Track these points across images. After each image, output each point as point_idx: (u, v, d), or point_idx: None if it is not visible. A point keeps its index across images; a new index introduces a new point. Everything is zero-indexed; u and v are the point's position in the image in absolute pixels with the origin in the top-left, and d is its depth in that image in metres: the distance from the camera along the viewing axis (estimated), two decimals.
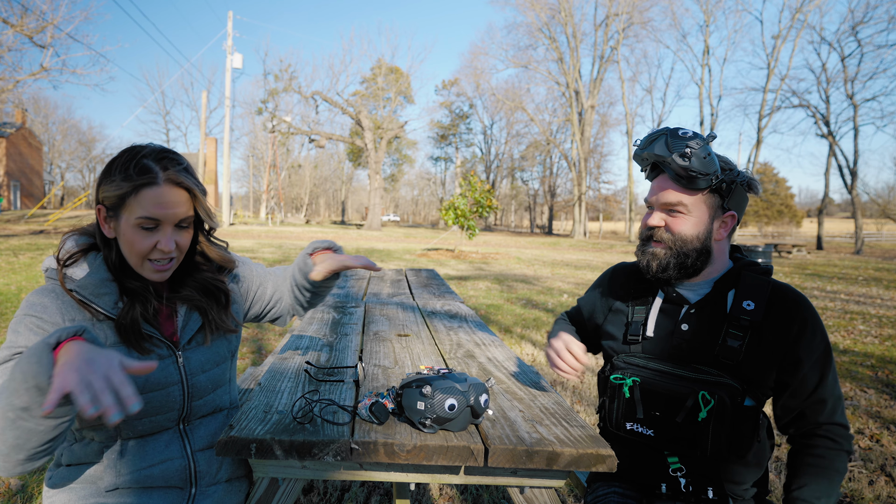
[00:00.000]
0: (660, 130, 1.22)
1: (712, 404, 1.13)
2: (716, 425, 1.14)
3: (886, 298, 9.14)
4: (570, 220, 56.34)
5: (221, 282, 1.24)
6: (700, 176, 1.15)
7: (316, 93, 36.71)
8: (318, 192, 64.00)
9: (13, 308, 6.16)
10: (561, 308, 7.42)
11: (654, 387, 1.21)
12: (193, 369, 1.15)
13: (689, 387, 1.17)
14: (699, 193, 1.20)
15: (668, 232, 1.23)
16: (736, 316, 1.19)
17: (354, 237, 24.94)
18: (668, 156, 1.16)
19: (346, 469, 1.07)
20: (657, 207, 1.25)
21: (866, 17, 26.12)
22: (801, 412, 1.21)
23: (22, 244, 13.93)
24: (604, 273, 1.53)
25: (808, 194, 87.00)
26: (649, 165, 1.27)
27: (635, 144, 1.28)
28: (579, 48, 39.40)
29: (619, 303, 1.40)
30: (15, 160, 34.31)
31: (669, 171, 1.19)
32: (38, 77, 17.96)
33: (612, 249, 24.43)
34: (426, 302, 2.79)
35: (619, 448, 1.28)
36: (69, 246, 1.10)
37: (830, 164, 28.64)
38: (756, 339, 1.18)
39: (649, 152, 1.21)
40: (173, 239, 1.06)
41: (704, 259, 1.23)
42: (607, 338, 1.40)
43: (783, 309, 1.19)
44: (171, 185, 1.04)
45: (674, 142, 1.16)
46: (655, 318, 1.30)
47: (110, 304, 1.05)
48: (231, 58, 26.28)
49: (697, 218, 1.21)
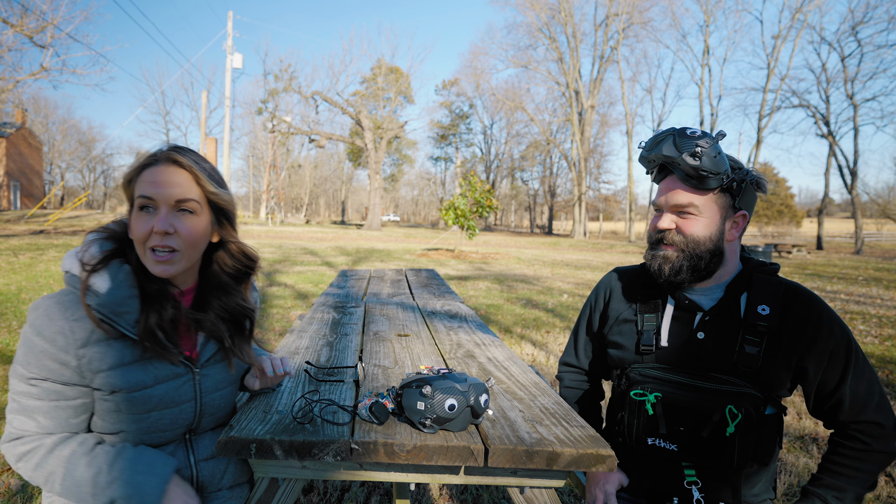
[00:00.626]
0: (666, 131, 1.19)
1: (739, 418, 1.11)
2: (742, 438, 1.11)
3: (886, 298, 9.14)
4: (570, 220, 56.36)
5: (250, 309, 1.18)
6: (711, 175, 1.13)
7: (316, 93, 36.72)
8: (318, 192, 64.01)
9: (13, 308, 6.16)
10: (561, 308, 7.42)
11: (678, 402, 1.17)
12: (208, 388, 1.13)
13: (715, 400, 1.13)
14: (710, 193, 1.17)
15: (679, 234, 1.19)
16: (752, 322, 1.16)
17: (354, 237, 24.93)
18: (677, 156, 1.13)
19: (346, 469, 1.07)
20: (667, 209, 1.22)
21: (866, 17, 26.15)
22: (826, 411, 1.19)
23: (22, 244, 13.93)
24: (602, 280, 1.47)
25: (808, 194, 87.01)
26: (656, 167, 1.23)
27: (641, 146, 1.24)
28: (579, 48, 39.41)
29: (625, 311, 1.35)
30: (15, 160, 34.31)
31: (679, 172, 1.16)
32: (38, 77, 17.96)
33: (613, 249, 24.42)
34: (426, 302, 2.78)
35: (633, 459, 1.27)
36: (94, 251, 1.02)
37: (830, 164, 28.66)
38: (773, 345, 1.15)
39: (657, 153, 1.17)
40: (169, 221, 0.99)
41: (717, 261, 1.20)
42: (614, 347, 1.35)
43: (798, 311, 1.16)
44: (169, 164, 1.01)
45: (683, 141, 1.13)
46: (668, 326, 1.25)
47: (130, 321, 0.99)
48: (231, 58, 26.29)
49: (709, 219, 1.18)
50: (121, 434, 1.04)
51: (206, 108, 27.11)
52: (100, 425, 1.03)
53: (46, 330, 0.95)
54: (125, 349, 1.00)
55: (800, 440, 3.11)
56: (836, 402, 1.16)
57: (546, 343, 5.34)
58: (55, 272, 9.30)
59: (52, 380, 0.96)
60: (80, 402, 1.00)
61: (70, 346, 0.95)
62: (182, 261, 1.03)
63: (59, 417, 0.98)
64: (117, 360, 0.99)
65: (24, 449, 0.97)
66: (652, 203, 1.27)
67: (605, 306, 1.42)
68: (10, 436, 0.98)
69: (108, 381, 0.98)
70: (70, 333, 0.96)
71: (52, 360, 0.95)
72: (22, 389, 0.96)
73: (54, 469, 0.96)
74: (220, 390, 1.15)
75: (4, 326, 5.30)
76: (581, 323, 1.51)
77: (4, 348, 4.55)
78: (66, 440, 0.99)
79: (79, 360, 0.96)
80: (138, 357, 1.01)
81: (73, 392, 0.98)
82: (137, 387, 1.00)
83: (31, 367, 0.96)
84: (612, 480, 1.25)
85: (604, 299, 1.43)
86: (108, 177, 60.20)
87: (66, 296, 1.00)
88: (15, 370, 0.97)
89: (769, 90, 31.63)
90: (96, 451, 0.98)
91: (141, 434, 1.05)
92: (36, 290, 7.46)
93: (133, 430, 1.03)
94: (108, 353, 0.98)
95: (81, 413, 1.01)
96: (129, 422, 1.02)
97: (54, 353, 0.95)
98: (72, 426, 1.00)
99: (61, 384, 0.97)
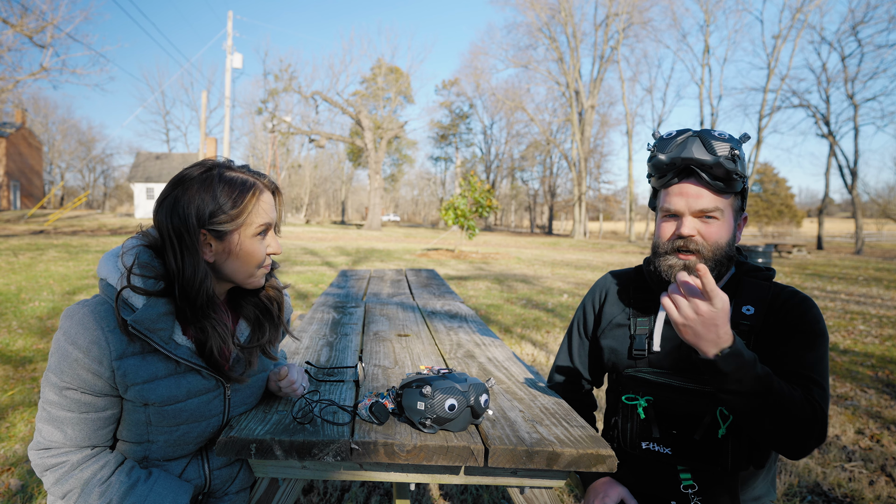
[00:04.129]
0: (683, 132, 1.14)
1: (731, 420, 1.09)
2: (735, 440, 1.10)
3: (886, 298, 9.14)
4: (570, 220, 56.34)
5: (278, 291, 1.21)
6: (738, 178, 1.10)
7: (316, 93, 36.73)
8: (318, 192, 63.99)
9: (13, 308, 6.16)
10: (561, 308, 7.42)
11: (669, 405, 1.16)
12: (237, 402, 1.13)
13: (705, 402, 1.12)
14: (731, 197, 1.14)
15: (703, 240, 1.14)
16: (736, 322, 1.15)
17: (354, 237, 24.93)
18: (712, 159, 1.08)
19: (346, 469, 1.07)
20: (689, 214, 1.14)
21: (866, 17, 26.17)
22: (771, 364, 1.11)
23: (22, 244, 13.93)
24: (597, 283, 1.45)
25: (808, 194, 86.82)
26: (674, 170, 1.16)
27: (652, 149, 1.18)
28: (579, 48, 39.42)
29: (619, 315, 1.33)
30: (15, 160, 34.32)
31: (708, 175, 1.11)
32: (38, 77, 17.96)
33: (613, 249, 24.42)
34: (426, 302, 2.78)
35: (629, 464, 1.25)
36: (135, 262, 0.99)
37: (830, 164, 28.67)
38: (758, 344, 1.14)
39: (685, 156, 1.11)
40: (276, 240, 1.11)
41: (729, 265, 1.17)
42: (607, 351, 1.34)
43: (781, 309, 1.15)
44: (269, 192, 1.09)
45: (715, 144, 1.09)
46: (661, 330, 1.23)
47: (165, 337, 0.98)
48: (231, 58, 26.26)
49: (728, 223, 1.15)
50: (146, 444, 1.03)
51: (206, 108, 27.09)
52: (126, 435, 1.03)
53: (81, 339, 0.94)
54: (159, 363, 0.99)
55: None
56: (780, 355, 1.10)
57: (546, 343, 5.34)
58: (55, 272, 9.30)
59: (83, 390, 0.95)
60: (110, 412, 1.00)
61: (105, 357, 0.94)
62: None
63: (87, 429, 0.98)
64: (151, 374, 0.98)
65: (50, 462, 0.97)
66: (661, 208, 1.20)
67: (599, 309, 1.40)
68: (39, 445, 0.98)
69: (140, 394, 0.98)
70: (105, 344, 0.94)
71: (86, 370, 0.94)
72: (53, 399, 0.96)
73: (72, 488, 0.97)
74: (246, 404, 1.16)
75: (4, 326, 5.30)
76: (575, 326, 1.48)
77: (4, 348, 4.55)
78: (88, 460, 0.98)
79: (113, 371, 0.95)
80: (172, 371, 1.01)
81: (103, 403, 0.98)
82: (170, 401, 1.00)
83: (64, 375, 0.94)
84: (611, 495, 1.23)
85: (599, 302, 1.41)
86: (107, 177, 60.22)
87: (101, 305, 0.97)
88: (48, 378, 0.96)
89: (769, 90, 31.64)
90: (111, 481, 0.98)
91: (167, 447, 1.05)
92: (36, 290, 7.46)
93: (160, 442, 1.04)
94: (143, 366, 0.97)
95: (110, 423, 1.01)
96: (158, 433, 1.02)
97: (88, 363, 0.94)
98: (100, 437, 1.00)
99: (92, 395, 0.96)
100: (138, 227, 1.11)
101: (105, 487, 0.97)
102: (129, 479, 0.99)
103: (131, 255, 1.00)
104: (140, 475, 1.01)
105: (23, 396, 3.42)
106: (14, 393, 3.48)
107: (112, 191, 60.49)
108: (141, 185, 33.74)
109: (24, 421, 3.05)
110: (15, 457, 2.62)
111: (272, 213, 1.08)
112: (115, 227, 23.35)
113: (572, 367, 1.46)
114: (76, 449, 0.98)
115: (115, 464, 1.01)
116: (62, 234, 17.75)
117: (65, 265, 10.36)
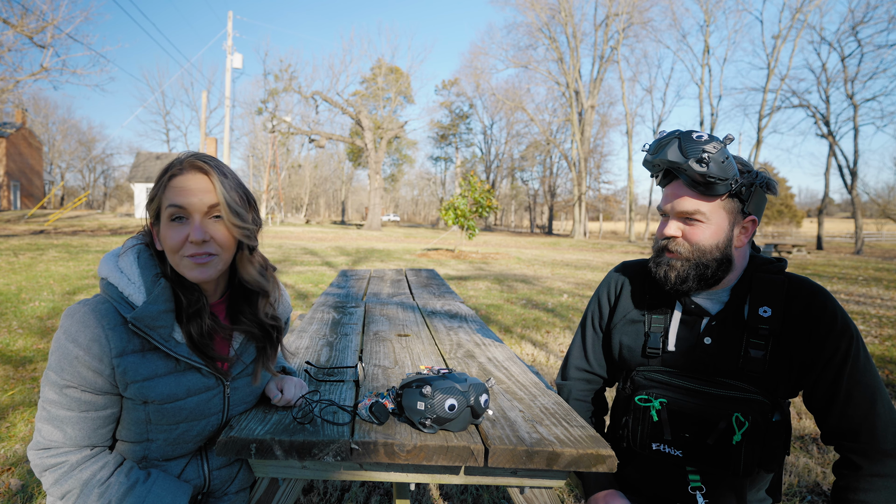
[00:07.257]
0: (670, 134, 1.14)
1: (746, 426, 1.08)
2: (749, 447, 1.09)
3: (886, 298, 9.14)
4: (570, 220, 56.36)
5: (278, 318, 1.18)
6: (719, 182, 1.08)
7: (316, 93, 36.71)
8: (318, 192, 64.00)
9: (13, 308, 6.16)
10: (561, 308, 7.42)
11: (683, 408, 1.14)
12: (236, 401, 1.13)
13: (722, 408, 1.11)
14: (718, 200, 1.13)
15: (685, 242, 1.16)
16: (754, 325, 1.13)
17: (354, 237, 24.94)
18: (683, 162, 1.08)
19: (346, 469, 1.07)
20: (672, 216, 1.18)
21: (866, 17, 26.13)
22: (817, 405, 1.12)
23: (22, 244, 13.93)
24: (611, 275, 1.41)
25: (808, 194, 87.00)
26: (661, 172, 1.18)
27: (644, 150, 1.19)
28: (579, 48, 39.40)
29: (633, 311, 1.31)
30: (15, 160, 34.31)
31: (685, 178, 1.12)
32: (38, 77, 17.95)
33: (612, 249, 24.43)
34: (426, 302, 2.78)
35: (636, 463, 1.25)
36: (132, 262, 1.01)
37: (830, 164, 28.65)
38: (778, 346, 1.12)
39: (661, 158, 1.12)
40: (203, 229, 0.98)
41: (726, 268, 1.16)
42: (620, 347, 1.32)
43: (798, 306, 1.12)
44: (195, 171, 0.99)
45: (689, 146, 1.08)
46: (676, 330, 1.22)
47: (165, 335, 0.99)
48: (231, 58, 26.26)
49: (717, 226, 1.14)
50: (145, 443, 1.03)
51: (206, 108, 27.10)
52: (125, 434, 1.03)
53: (81, 337, 0.94)
54: (158, 361, 1.00)
55: (800, 440, 3.11)
56: (829, 393, 1.09)
57: (546, 343, 5.34)
58: (55, 272, 9.30)
59: (83, 388, 0.95)
60: (110, 411, 1.00)
61: (105, 354, 0.95)
62: (219, 264, 1.02)
63: (87, 428, 0.98)
64: (151, 372, 0.98)
65: (50, 462, 0.97)
66: (657, 208, 1.23)
67: (615, 302, 1.37)
68: (38, 444, 0.98)
69: (140, 391, 0.98)
70: (106, 342, 0.95)
71: (87, 367, 0.94)
72: (53, 398, 0.96)
73: (72, 489, 0.97)
74: (245, 403, 1.16)
75: (4, 326, 5.30)
76: (588, 320, 1.44)
77: (4, 348, 4.55)
78: (88, 460, 0.98)
79: (113, 369, 0.95)
80: (171, 369, 1.01)
81: (103, 401, 0.98)
82: (170, 399, 1.00)
83: (64, 373, 0.95)
84: (612, 502, 1.22)
85: (615, 294, 1.38)
86: (108, 177, 60.23)
87: (102, 304, 0.98)
88: (48, 377, 0.96)
89: (769, 90, 31.63)
90: (111, 482, 0.98)
91: (166, 445, 1.05)
92: (36, 289, 7.46)
93: (160, 441, 1.04)
94: (143, 364, 0.98)
95: (110, 423, 1.01)
96: (157, 432, 1.03)
97: (89, 360, 0.94)
98: (99, 437, 1.00)
99: (92, 393, 0.96)
100: (138, 226, 1.11)
101: (104, 488, 0.97)
102: (128, 480, 0.99)
103: (131, 254, 1.02)
104: (139, 476, 1.01)
105: (23, 396, 3.42)
106: (14, 393, 3.48)
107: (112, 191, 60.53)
108: (141, 185, 33.75)
109: (25, 421, 3.05)
110: (15, 457, 2.62)
111: (197, 195, 0.98)
112: (115, 227, 23.34)
113: (588, 363, 1.43)
114: (76, 449, 0.98)
115: (115, 464, 1.01)
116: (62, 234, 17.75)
117: (65, 265, 10.36)
